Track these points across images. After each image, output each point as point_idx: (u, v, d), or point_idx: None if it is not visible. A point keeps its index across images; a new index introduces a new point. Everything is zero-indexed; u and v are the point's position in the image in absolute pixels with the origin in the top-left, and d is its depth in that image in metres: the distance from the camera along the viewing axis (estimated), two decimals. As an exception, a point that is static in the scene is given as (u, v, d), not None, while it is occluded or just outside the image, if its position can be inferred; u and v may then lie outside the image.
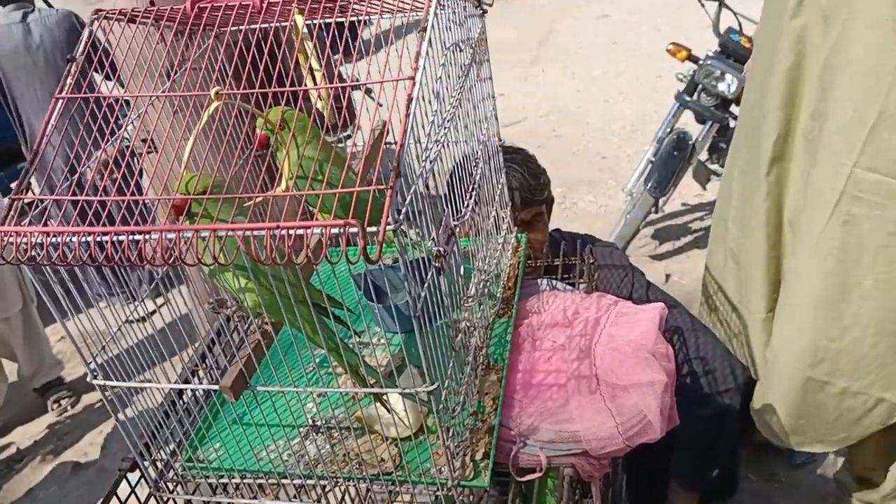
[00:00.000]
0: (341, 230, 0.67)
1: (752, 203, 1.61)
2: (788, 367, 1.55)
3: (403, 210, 0.73)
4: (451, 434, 0.91)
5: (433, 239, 0.83)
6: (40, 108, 3.38)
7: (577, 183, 4.33)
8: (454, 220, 0.94)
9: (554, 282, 1.34)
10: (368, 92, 0.97)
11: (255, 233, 0.69)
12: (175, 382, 1.03)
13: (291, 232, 0.69)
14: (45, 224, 0.76)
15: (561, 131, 5.07)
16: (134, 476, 1.05)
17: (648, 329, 1.12)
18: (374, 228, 0.68)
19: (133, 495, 1.03)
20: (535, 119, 5.30)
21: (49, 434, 3.17)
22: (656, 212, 3.46)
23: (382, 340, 1.14)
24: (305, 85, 0.95)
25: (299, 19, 0.93)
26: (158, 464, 1.02)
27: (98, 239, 0.72)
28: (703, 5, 3.39)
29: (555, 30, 7.17)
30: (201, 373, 1.15)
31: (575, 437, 1.03)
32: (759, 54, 1.67)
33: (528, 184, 1.61)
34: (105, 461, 2.95)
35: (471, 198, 1.02)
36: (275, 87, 0.82)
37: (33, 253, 0.75)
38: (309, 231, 0.69)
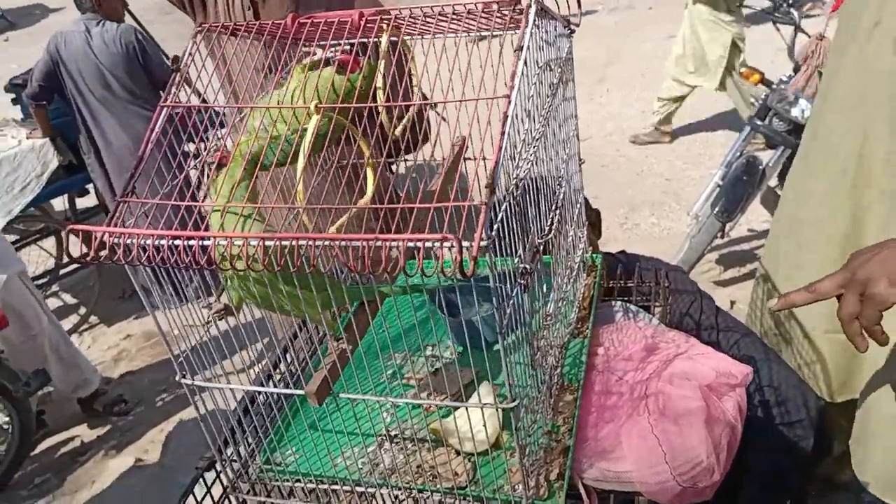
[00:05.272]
0: (437, 244, 0.68)
1: (816, 222, 1.57)
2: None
3: (496, 226, 0.73)
4: (526, 452, 0.91)
5: (520, 256, 0.83)
6: (96, 108, 3.73)
7: (641, 204, 4.29)
8: (539, 238, 0.94)
9: (628, 305, 1.32)
10: (434, 107, 0.98)
11: (353, 244, 0.71)
12: (255, 383, 1.05)
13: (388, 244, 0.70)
14: (148, 227, 0.79)
15: (624, 151, 5.03)
16: (209, 476, 1.07)
17: (709, 371, 1.10)
18: (467, 243, 0.69)
19: (208, 495, 1.06)
20: (599, 139, 5.27)
21: (112, 430, 3.26)
22: (722, 237, 3.39)
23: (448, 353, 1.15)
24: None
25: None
26: (235, 464, 1.04)
27: (199, 243, 0.74)
28: (778, 29, 3.34)
29: (621, 50, 7.13)
30: (278, 376, 1.17)
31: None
32: (830, 78, 1.65)
33: None
34: (166, 459, 3.02)
35: (555, 216, 1.02)
36: (370, 102, 0.84)
37: (136, 254, 0.78)
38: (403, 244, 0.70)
